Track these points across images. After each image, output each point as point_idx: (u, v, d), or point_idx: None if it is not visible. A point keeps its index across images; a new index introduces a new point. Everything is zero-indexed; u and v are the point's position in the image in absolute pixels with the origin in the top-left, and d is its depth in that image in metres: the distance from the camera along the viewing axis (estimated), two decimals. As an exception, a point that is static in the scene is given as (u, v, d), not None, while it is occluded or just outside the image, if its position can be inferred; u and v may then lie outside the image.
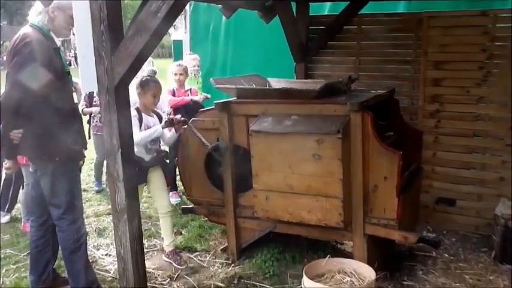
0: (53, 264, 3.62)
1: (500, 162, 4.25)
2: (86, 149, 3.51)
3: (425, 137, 4.37)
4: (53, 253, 3.58)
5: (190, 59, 6.06)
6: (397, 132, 3.91)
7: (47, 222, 3.40)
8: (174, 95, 5.57)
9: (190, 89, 5.69)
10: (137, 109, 3.85)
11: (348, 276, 3.11)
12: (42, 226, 3.42)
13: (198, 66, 6.08)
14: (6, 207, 5.15)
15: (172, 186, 5.76)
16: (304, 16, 4.99)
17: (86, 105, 5.72)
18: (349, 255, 3.63)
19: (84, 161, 3.54)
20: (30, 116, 2.98)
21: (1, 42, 40.86)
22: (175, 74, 5.50)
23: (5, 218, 5.14)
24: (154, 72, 4.24)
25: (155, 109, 4.08)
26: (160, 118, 4.03)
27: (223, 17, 4.86)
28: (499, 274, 3.72)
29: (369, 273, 3.09)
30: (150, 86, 3.86)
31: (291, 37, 4.74)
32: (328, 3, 5.70)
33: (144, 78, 3.89)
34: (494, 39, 4.18)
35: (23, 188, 5.12)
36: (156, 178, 3.97)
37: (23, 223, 4.87)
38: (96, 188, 6.05)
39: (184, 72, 5.56)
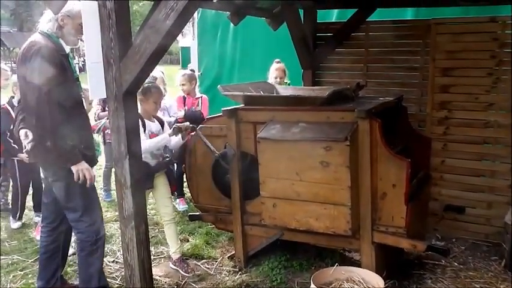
0: (62, 271, 3.62)
1: (509, 169, 4.21)
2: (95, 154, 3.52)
3: (434, 144, 4.34)
4: (62, 259, 3.58)
5: (273, 69, 5.26)
6: (405, 139, 3.89)
7: (59, 228, 3.42)
8: (184, 101, 5.58)
9: (201, 96, 5.68)
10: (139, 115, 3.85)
11: (356, 284, 3.08)
12: (54, 232, 3.43)
13: (281, 78, 5.18)
14: (18, 215, 5.18)
15: (179, 193, 5.76)
16: (312, 23, 5.00)
17: (101, 109, 5.72)
18: (357, 264, 3.60)
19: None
20: (42, 122, 2.99)
21: (11, 49, 41.27)
22: (182, 85, 5.54)
23: (17, 224, 5.16)
24: (155, 78, 4.23)
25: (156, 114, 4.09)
26: (162, 123, 4.03)
27: (231, 24, 4.87)
28: (509, 283, 3.67)
29: (377, 281, 3.06)
30: (152, 92, 3.87)
31: (298, 44, 4.74)
32: (336, 10, 5.70)
33: (146, 85, 3.85)
34: (503, 45, 4.16)
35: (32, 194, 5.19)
36: (161, 185, 3.98)
37: (39, 226, 4.88)
38: (107, 199, 6.03)
39: (189, 80, 5.55)
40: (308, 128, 3.38)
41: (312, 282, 3.00)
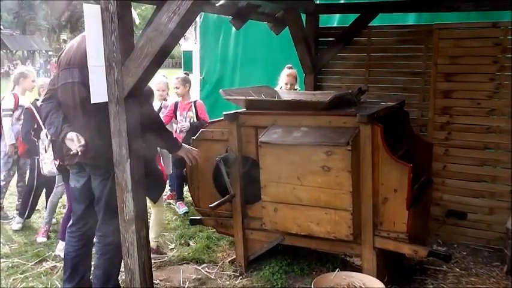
0: (90, 273, 3.59)
1: (511, 175, 4.19)
2: None
3: (436, 149, 4.33)
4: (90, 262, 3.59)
5: (284, 75, 5.15)
6: (407, 144, 3.88)
7: (89, 232, 3.43)
8: (176, 108, 5.55)
9: (195, 101, 5.64)
10: None
11: (357, 290, 3.07)
12: (85, 235, 3.43)
13: (292, 85, 5.10)
14: (26, 214, 5.18)
15: (178, 196, 5.76)
16: (314, 27, 5.00)
17: None
18: (358, 269, 3.59)
19: None
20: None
21: (13, 52, 41.40)
22: (176, 88, 5.56)
23: (18, 225, 5.15)
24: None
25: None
26: None
27: (233, 28, 4.88)
28: (511, 289, 3.66)
29: (378, 287, 3.05)
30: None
31: (300, 48, 4.74)
32: (338, 15, 5.71)
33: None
34: (505, 51, 4.15)
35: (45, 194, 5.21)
36: None
37: (41, 228, 4.87)
38: None
39: (183, 83, 5.51)
40: (310, 133, 3.38)
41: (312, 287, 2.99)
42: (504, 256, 3.98)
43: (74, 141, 3.05)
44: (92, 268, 3.52)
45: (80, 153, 3.03)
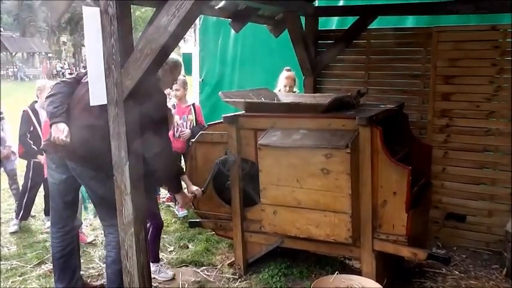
0: (80, 270, 3.59)
1: (510, 177, 4.19)
2: None
3: (435, 152, 4.33)
4: (78, 259, 3.58)
5: (283, 77, 5.08)
6: (406, 146, 3.88)
7: (72, 231, 3.42)
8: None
9: (193, 104, 5.61)
10: None
11: (357, 292, 3.07)
12: (68, 235, 3.42)
13: (290, 87, 5.02)
14: (20, 215, 5.17)
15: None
16: (313, 30, 5.00)
17: None
18: (357, 272, 3.59)
19: None
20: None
21: (13, 54, 41.43)
22: (176, 90, 5.45)
23: (14, 227, 5.14)
24: None
25: None
26: None
27: (233, 31, 4.89)
28: (510, 292, 3.66)
29: (377, 290, 3.05)
30: None
31: (300, 51, 4.75)
32: (336, 18, 5.71)
33: None
34: (504, 53, 4.16)
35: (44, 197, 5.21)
36: None
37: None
38: None
39: (183, 86, 5.45)
40: (309, 135, 3.37)
41: (312, 290, 2.99)
42: (504, 259, 3.98)
43: (61, 133, 3.03)
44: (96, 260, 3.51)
45: (53, 145, 3.05)
